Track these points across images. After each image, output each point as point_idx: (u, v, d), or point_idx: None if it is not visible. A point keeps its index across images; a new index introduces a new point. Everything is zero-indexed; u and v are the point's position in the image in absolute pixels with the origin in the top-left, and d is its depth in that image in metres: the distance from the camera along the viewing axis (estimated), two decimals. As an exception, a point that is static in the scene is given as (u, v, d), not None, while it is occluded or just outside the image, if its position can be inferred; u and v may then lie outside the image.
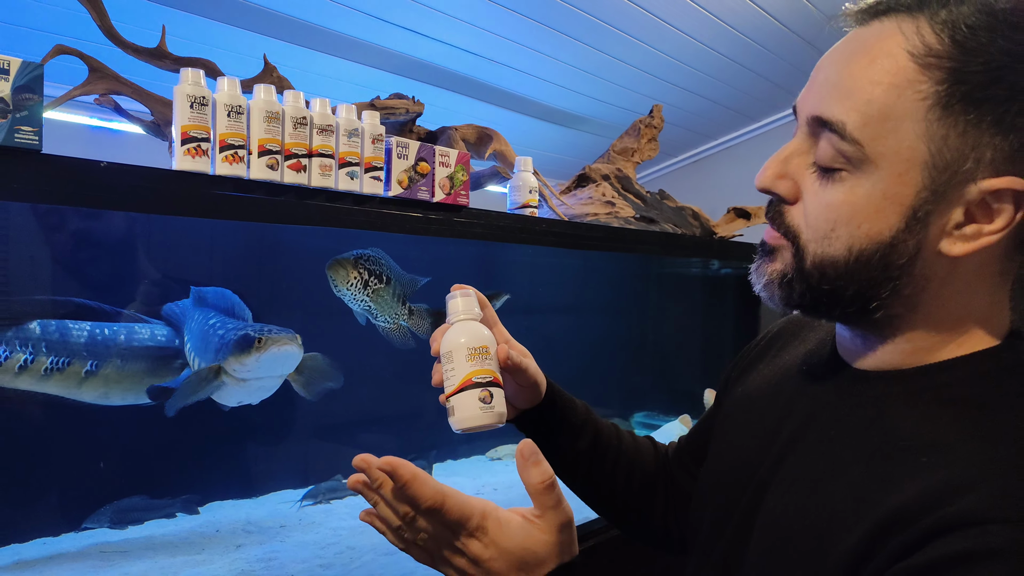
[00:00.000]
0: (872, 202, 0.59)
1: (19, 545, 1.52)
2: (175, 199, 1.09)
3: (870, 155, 0.58)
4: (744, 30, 2.78)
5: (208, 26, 2.02)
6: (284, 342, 1.45)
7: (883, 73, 0.57)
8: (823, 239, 0.62)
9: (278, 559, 1.57)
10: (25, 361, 1.41)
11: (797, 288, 0.65)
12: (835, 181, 0.61)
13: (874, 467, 0.60)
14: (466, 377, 0.75)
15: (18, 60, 0.93)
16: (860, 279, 0.62)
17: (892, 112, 0.57)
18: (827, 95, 0.61)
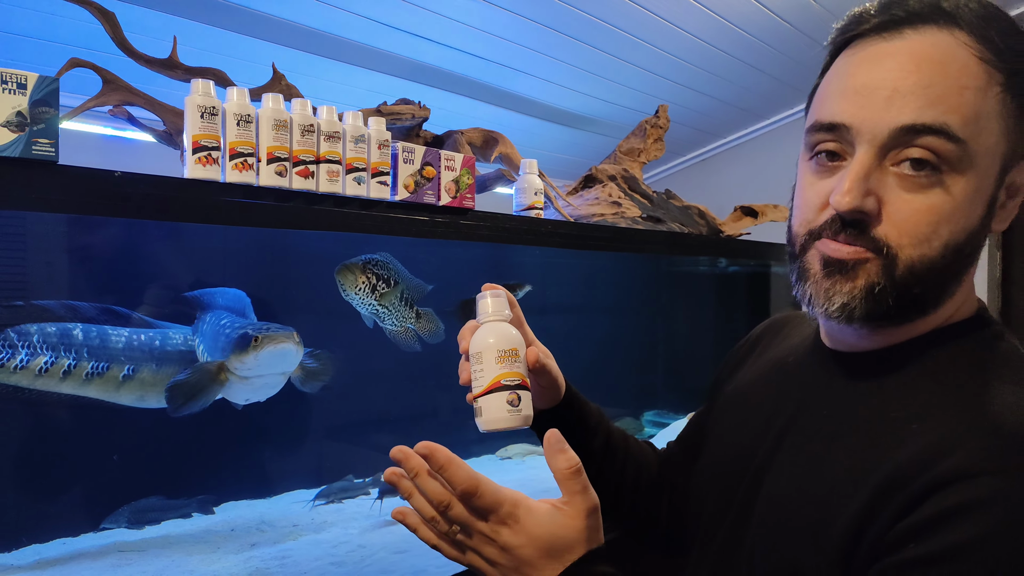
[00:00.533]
0: (968, 197, 0.62)
1: (40, 545, 1.55)
2: (187, 207, 1.12)
3: (971, 153, 0.61)
4: (748, 28, 2.79)
5: (218, 35, 2.05)
6: (280, 340, 1.47)
7: (966, 77, 0.61)
8: (922, 243, 0.63)
9: (292, 557, 1.60)
10: (68, 366, 1.47)
11: (888, 297, 0.64)
12: (932, 184, 0.62)
13: (867, 439, 0.65)
14: (495, 379, 0.76)
15: (35, 75, 0.96)
16: (949, 273, 0.65)
17: (982, 111, 0.61)
18: (913, 104, 0.61)
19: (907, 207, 0.62)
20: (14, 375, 1.44)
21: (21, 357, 1.45)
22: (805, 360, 0.79)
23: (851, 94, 0.65)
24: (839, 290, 0.65)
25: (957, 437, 0.58)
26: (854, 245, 0.65)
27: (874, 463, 0.62)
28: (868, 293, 0.64)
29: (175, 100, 1.33)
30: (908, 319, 0.67)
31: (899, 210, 0.63)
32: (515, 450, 2.45)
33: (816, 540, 0.64)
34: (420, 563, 1.61)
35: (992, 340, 0.68)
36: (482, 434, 0.86)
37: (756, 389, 0.85)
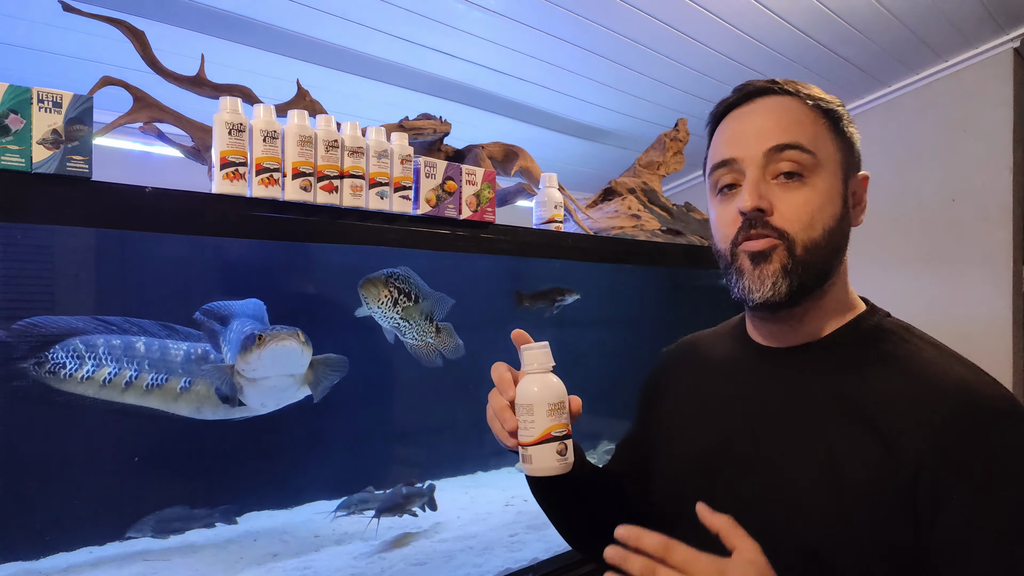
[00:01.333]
0: (827, 191, 0.86)
1: (67, 553, 1.58)
2: (215, 221, 1.15)
3: (821, 160, 0.86)
4: (767, 41, 2.79)
5: (243, 52, 2.09)
6: (283, 338, 1.47)
7: (802, 115, 0.88)
8: (807, 227, 0.84)
9: (313, 568, 1.61)
10: (131, 377, 1.54)
11: (795, 275, 0.84)
12: (801, 185, 0.85)
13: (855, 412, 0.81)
14: (545, 431, 0.83)
15: (70, 94, 0.99)
16: (831, 250, 0.86)
17: (819, 134, 0.87)
18: (774, 134, 0.86)
19: (790, 203, 0.85)
20: (80, 385, 1.51)
21: (88, 368, 1.51)
22: (748, 363, 0.96)
23: (732, 140, 0.90)
24: (766, 273, 0.85)
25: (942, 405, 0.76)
26: (763, 236, 0.85)
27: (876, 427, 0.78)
28: (784, 270, 0.84)
29: (202, 116, 1.36)
30: (810, 293, 0.86)
31: (785, 206, 0.85)
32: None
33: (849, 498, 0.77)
34: (439, 575, 1.62)
35: (887, 319, 0.91)
36: (499, 447, 0.89)
37: (702, 399, 0.98)
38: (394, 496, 1.88)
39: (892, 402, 0.79)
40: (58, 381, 1.50)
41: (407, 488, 1.92)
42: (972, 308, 3.32)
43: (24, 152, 0.95)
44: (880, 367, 0.84)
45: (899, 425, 0.77)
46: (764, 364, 0.93)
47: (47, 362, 1.49)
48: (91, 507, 1.64)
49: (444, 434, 2.34)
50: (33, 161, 0.96)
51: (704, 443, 0.93)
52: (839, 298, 0.91)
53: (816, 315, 0.90)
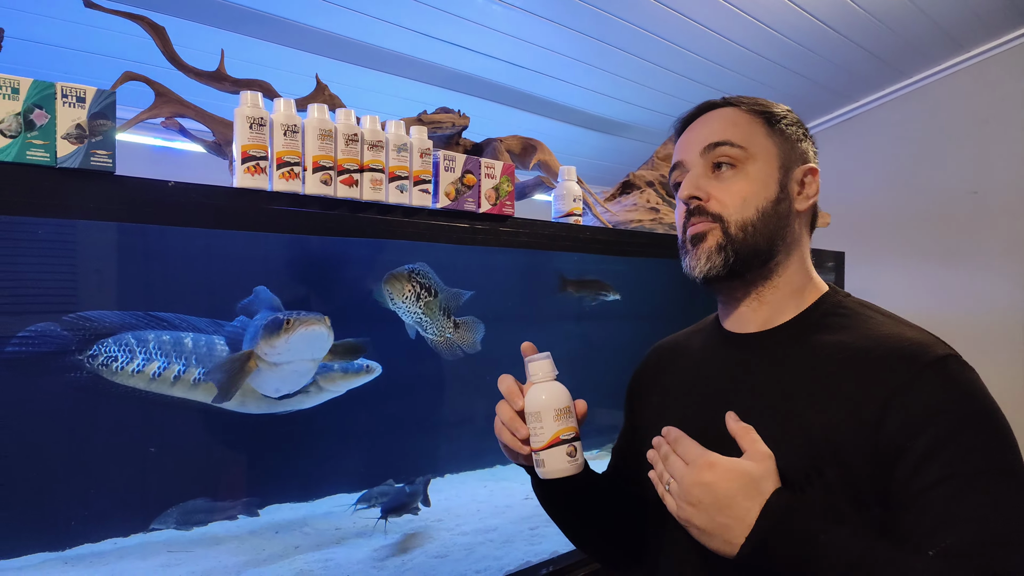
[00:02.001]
0: (760, 178, 0.96)
1: (92, 544, 1.60)
2: (236, 215, 1.15)
3: (750, 153, 0.96)
4: (786, 32, 2.76)
5: (262, 47, 2.10)
6: (312, 323, 1.49)
7: (736, 118, 0.99)
8: (740, 209, 0.95)
9: (335, 560, 1.62)
10: (179, 372, 1.59)
11: (730, 250, 0.94)
12: (734, 175, 0.96)
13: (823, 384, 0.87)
14: (554, 435, 0.88)
15: (93, 89, 1.00)
16: (767, 231, 0.95)
17: (751, 132, 0.97)
18: (709, 135, 0.98)
19: (724, 191, 0.96)
20: (132, 378, 1.56)
21: (139, 361, 1.56)
22: (719, 349, 1.03)
23: (681, 146, 1.03)
24: (702, 251, 0.96)
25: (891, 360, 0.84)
26: (700, 220, 0.96)
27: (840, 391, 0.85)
28: (718, 248, 0.95)
29: (222, 112, 1.37)
30: (750, 271, 0.96)
31: (720, 193, 0.96)
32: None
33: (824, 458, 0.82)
34: (460, 568, 1.63)
35: (848, 297, 0.99)
36: None
37: (682, 392, 1.04)
38: (399, 496, 1.88)
39: (849, 366, 0.86)
40: (110, 374, 1.56)
41: (409, 487, 1.91)
42: (993, 301, 3.28)
43: (49, 147, 0.96)
44: (838, 337, 0.91)
45: (858, 386, 0.83)
46: (733, 348, 1.01)
47: (100, 355, 1.55)
48: (126, 497, 1.67)
49: (463, 427, 2.34)
50: (58, 156, 0.97)
51: (687, 425, 0.94)
52: (796, 282, 0.98)
53: (775, 298, 0.98)
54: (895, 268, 3.54)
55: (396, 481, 2.03)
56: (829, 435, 0.83)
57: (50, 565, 1.49)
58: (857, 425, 0.81)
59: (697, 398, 1.01)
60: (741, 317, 1.01)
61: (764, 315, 0.99)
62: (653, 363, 1.18)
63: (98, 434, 1.63)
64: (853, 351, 0.88)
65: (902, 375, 0.82)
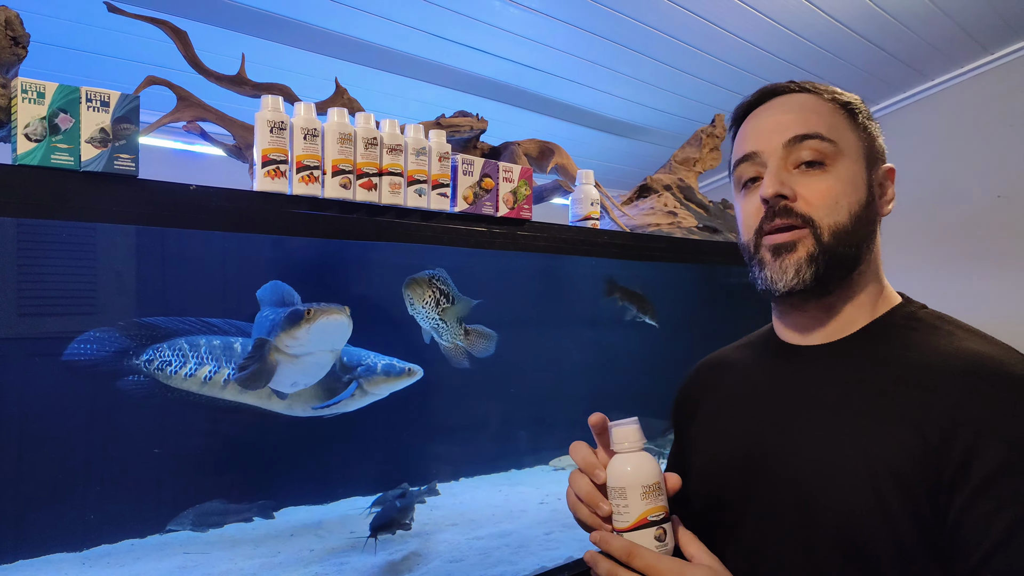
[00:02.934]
0: (850, 178, 0.87)
1: (109, 546, 1.61)
2: (257, 218, 1.16)
3: (841, 149, 0.87)
4: (806, 34, 2.74)
5: (282, 51, 2.11)
6: (333, 312, 1.48)
7: (820, 108, 0.89)
8: (832, 212, 0.85)
9: (350, 563, 1.62)
10: (229, 376, 1.62)
11: (822, 261, 0.85)
12: (823, 172, 0.86)
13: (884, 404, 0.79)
14: (641, 516, 0.77)
15: (117, 93, 1.00)
16: (858, 237, 0.86)
17: (838, 125, 0.88)
18: (794, 125, 0.87)
19: (813, 189, 0.85)
20: (185, 381, 1.60)
21: (191, 366, 1.60)
22: (776, 362, 0.95)
23: (753, 135, 0.91)
24: (789, 263, 0.86)
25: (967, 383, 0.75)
26: (788, 227, 0.85)
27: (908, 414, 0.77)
28: (809, 259, 0.85)
29: (241, 116, 1.37)
30: (837, 282, 0.87)
31: (808, 192, 0.85)
32: (568, 460, 2.44)
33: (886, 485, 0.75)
34: (475, 572, 1.62)
35: (923, 309, 0.90)
36: (533, 443, 0.84)
37: (732, 406, 0.97)
38: (389, 511, 1.77)
39: (921, 386, 0.78)
40: (165, 377, 1.60)
41: (400, 501, 1.82)
42: (1020, 306, 3.24)
43: (73, 151, 0.97)
44: (914, 355, 0.82)
45: (929, 408, 0.76)
46: (793, 362, 0.92)
47: (156, 359, 1.60)
48: (134, 502, 1.68)
49: (478, 432, 2.34)
50: (82, 159, 0.97)
51: (737, 446, 0.92)
52: (871, 291, 0.90)
53: (846, 307, 0.89)
54: (917, 273, 3.50)
55: (411, 485, 2.03)
56: (892, 461, 0.76)
57: (68, 564, 1.50)
58: (923, 450, 0.74)
59: (744, 414, 0.94)
60: (803, 328, 0.92)
61: (830, 326, 0.90)
62: (699, 380, 1.10)
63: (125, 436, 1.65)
64: (924, 369, 0.79)
65: (978, 397, 0.74)
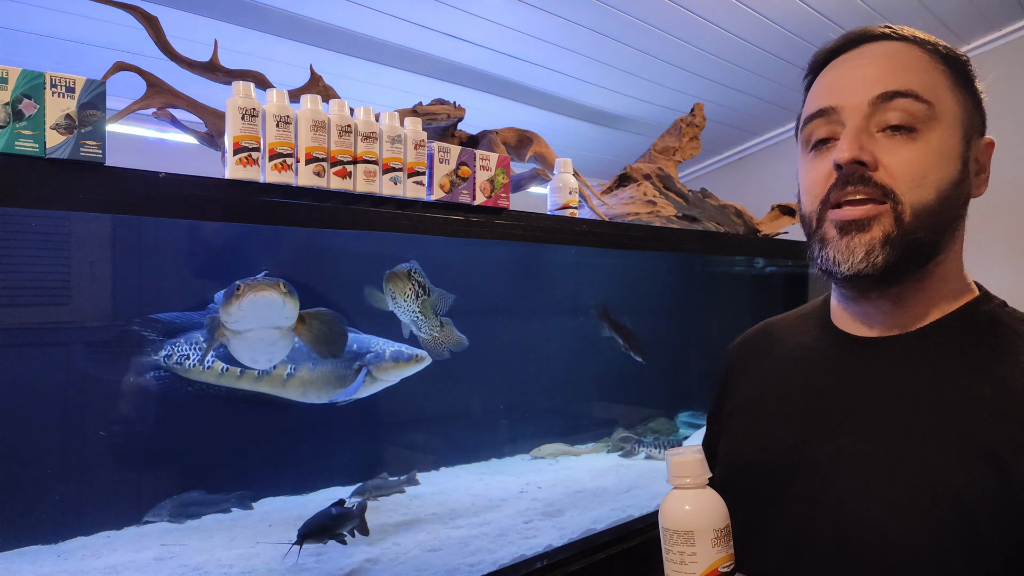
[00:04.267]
0: (943, 149, 0.74)
1: (84, 538, 1.59)
2: (229, 207, 1.14)
3: (937, 113, 0.74)
4: (786, 25, 2.75)
5: (256, 38, 2.09)
6: (261, 288, 1.43)
7: (917, 61, 0.76)
8: (917, 187, 0.72)
9: (328, 553, 1.61)
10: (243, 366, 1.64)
11: (899, 245, 0.73)
12: (912, 139, 0.73)
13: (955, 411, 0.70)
14: (712, 567, 0.66)
15: (83, 79, 0.98)
16: (943, 220, 0.74)
17: (936, 83, 0.75)
18: (885, 79, 0.74)
19: (897, 158, 0.73)
20: (203, 374, 1.63)
21: (209, 358, 1.62)
22: (833, 354, 0.84)
23: (832, 87, 0.79)
24: (859, 243, 0.74)
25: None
26: (863, 199, 0.73)
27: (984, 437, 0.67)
28: (885, 240, 0.73)
29: (215, 104, 1.36)
30: (918, 265, 0.75)
31: (892, 161, 0.73)
32: (548, 450, 2.45)
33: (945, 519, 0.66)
34: (454, 561, 1.62)
35: (1003, 307, 0.79)
36: (513, 433, 0.77)
37: (771, 396, 0.88)
38: (321, 518, 1.62)
39: (1002, 408, 0.68)
40: (184, 371, 1.63)
41: (337, 509, 1.66)
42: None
43: (38, 137, 0.95)
44: (992, 365, 0.71)
45: (1010, 436, 0.66)
46: (850, 354, 0.81)
47: (174, 353, 1.62)
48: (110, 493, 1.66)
49: (458, 421, 2.34)
50: (47, 146, 0.96)
51: (776, 442, 0.83)
52: (948, 281, 0.78)
53: (918, 299, 0.77)
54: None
55: (391, 475, 2.03)
56: (960, 492, 0.66)
57: (43, 556, 1.49)
58: (1001, 490, 0.65)
59: (787, 409, 0.84)
60: (866, 317, 0.81)
61: (897, 318, 0.79)
62: (743, 351, 1.00)
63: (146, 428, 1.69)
64: (1008, 387, 0.69)
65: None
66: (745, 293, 3.04)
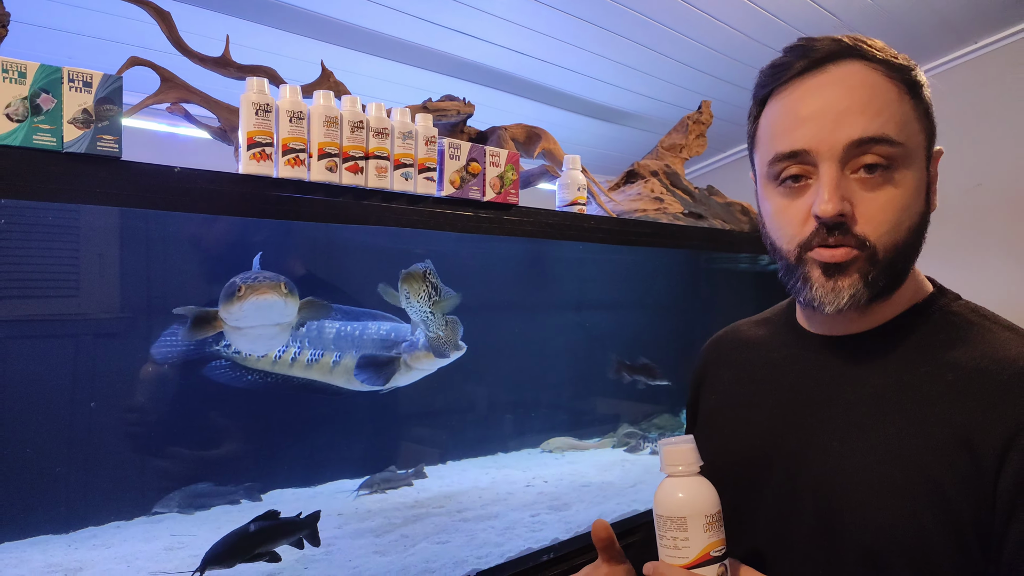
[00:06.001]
0: (915, 186, 0.76)
1: (95, 528, 1.61)
2: (242, 201, 1.16)
3: (909, 152, 0.75)
4: (794, 23, 2.75)
5: (267, 33, 2.09)
6: (263, 291, 1.43)
7: (887, 93, 0.75)
8: (893, 231, 0.75)
9: (336, 545, 1.63)
10: (294, 354, 1.73)
11: (880, 281, 0.77)
12: (885, 182, 0.75)
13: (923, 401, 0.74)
14: (703, 551, 0.69)
15: (100, 73, 1.00)
16: (914, 248, 0.78)
17: (907, 117, 0.76)
18: (861, 120, 0.74)
19: (873, 204, 0.75)
20: (259, 362, 1.70)
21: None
22: (800, 353, 0.88)
23: (802, 123, 0.76)
24: (843, 286, 0.76)
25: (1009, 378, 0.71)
26: (843, 246, 0.76)
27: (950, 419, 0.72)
28: (865, 282, 0.76)
29: (226, 98, 1.37)
30: (895, 288, 0.80)
31: (868, 208, 0.75)
32: (556, 444, 2.46)
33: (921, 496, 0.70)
34: (461, 553, 1.64)
35: (957, 301, 0.83)
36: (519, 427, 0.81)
37: (745, 394, 0.92)
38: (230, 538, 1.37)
39: (964, 391, 0.72)
40: (242, 359, 1.69)
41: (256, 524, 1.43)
42: (998, 299, 3.27)
43: (55, 131, 0.96)
44: (949, 353, 0.76)
45: (974, 416, 0.70)
46: (817, 352, 0.86)
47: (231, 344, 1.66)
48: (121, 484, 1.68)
49: (466, 415, 2.35)
50: (64, 140, 0.97)
51: (752, 437, 0.88)
52: (907, 287, 0.82)
53: (882, 305, 0.81)
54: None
55: (399, 468, 2.04)
56: (932, 474, 0.70)
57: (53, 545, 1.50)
58: (971, 466, 0.69)
59: (760, 405, 0.89)
60: (833, 322, 0.85)
61: (859, 322, 0.83)
62: (714, 355, 1.04)
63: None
64: (968, 372, 0.73)
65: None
66: (748, 290, 3.04)
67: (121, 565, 1.44)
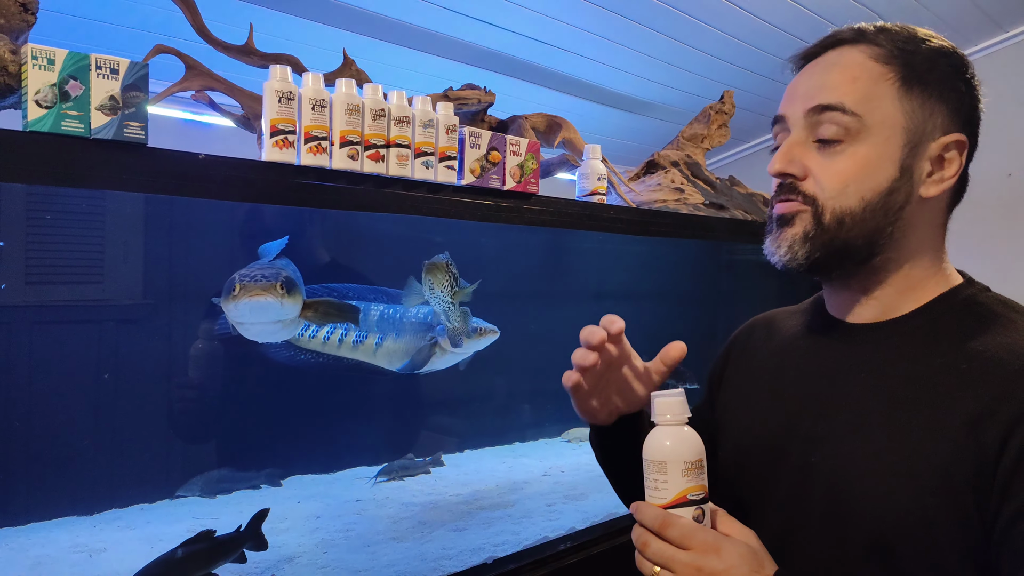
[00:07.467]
0: (871, 160, 0.79)
1: (119, 510, 1.64)
2: (265, 188, 1.17)
3: (865, 124, 0.78)
4: (819, 11, 2.71)
5: (289, 21, 2.10)
6: (257, 293, 1.40)
7: (858, 71, 0.80)
8: (839, 196, 0.79)
9: (355, 530, 1.65)
10: (342, 336, 1.81)
11: (819, 243, 0.80)
12: (838, 152, 0.79)
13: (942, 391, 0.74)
14: (680, 494, 0.73)
15: (127, 61, 1.01)
16: (867, 227, 0.80)
17: (873, 93, 0.79)
18: (820, 92, 0.81)
19: (824, 169, 0.80)
20: (310, 343, 1.79)
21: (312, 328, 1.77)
22: (824, 340, 0.90)
23: (787, 95, 0.86)
24: (784, 237, 0.82)
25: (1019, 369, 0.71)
26: (790, 200, 0.82)
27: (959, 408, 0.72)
28: (803, 237, 0.81)
29: (249, 85, 1.37)
30: (842, 268, 0.83)
31: (819, 172, 0.80)
32: (575, 434, 2.46)
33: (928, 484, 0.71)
34: (478, 541, 1.65)
35: (985, 292, 0.83)
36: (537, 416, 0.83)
37: (769, 376, 0.94)
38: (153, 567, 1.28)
39: (976, 380, 0.73)
40: (296, 339, 1.77)
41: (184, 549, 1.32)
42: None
43: (83, 118, 0.97)
44: (968, 343, 0.76)
45: (984, 404, 0.71)
46: (838, 339, 0.87)
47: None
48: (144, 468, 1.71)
49: (483, 405, 2.36)
50: (92, 127, 0.98)
51: (769, 418, 0.89)
52: (914, 278, 0.83)
53: (885, 291, 0.83)
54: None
55: (416, 456, 2.06)
56: (937, 460, 0.71)
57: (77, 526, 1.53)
58: (976, 454, 0.69)
59: (781, 388, 0.90)
60: (849, 304, 0.87)
61: (873, 308, 0.85)
62: (744, 339, 1.05)
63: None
64: (982, 362, 0.74)
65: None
66: (770, 280, 3.02)
67: (144, 546, 1.46)
